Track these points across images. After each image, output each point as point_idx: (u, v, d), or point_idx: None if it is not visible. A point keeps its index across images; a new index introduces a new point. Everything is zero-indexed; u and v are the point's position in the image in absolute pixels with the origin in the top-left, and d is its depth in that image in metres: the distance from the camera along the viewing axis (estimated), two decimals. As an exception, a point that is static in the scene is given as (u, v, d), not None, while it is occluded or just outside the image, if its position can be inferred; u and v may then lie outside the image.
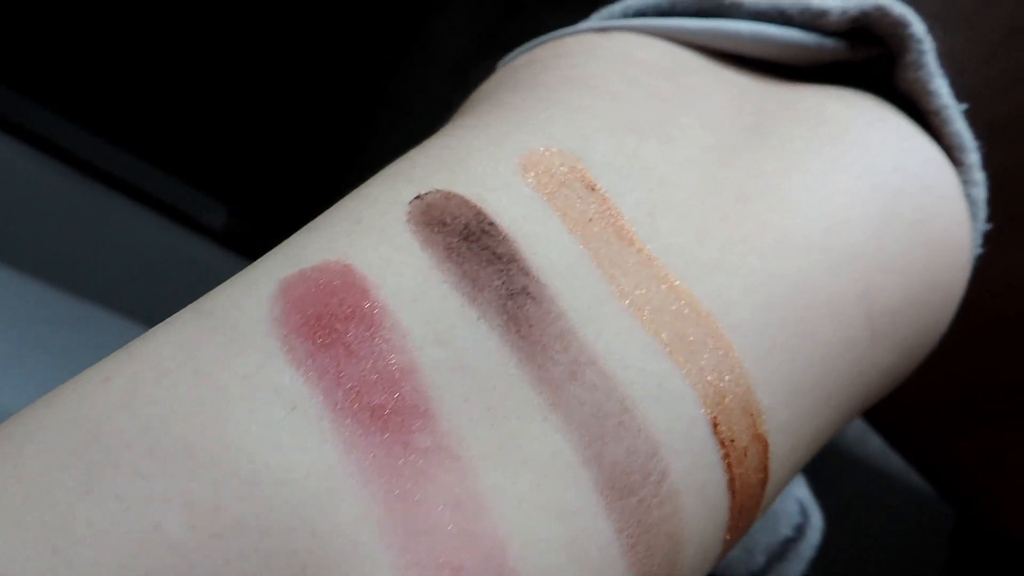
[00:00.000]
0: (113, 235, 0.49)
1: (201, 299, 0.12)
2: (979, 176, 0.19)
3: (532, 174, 0.14)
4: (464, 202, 0.13)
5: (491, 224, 0.13)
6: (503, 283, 0.12)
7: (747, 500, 0.13)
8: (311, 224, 0.13)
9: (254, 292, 0.11)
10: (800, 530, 0.24)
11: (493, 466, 0.11)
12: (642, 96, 0.16)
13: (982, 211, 0.20)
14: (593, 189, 0.14)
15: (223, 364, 0.10)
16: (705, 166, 0.15)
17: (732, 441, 0.13)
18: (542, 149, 0.14)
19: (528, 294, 0.12)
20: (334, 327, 0.11)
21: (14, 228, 0.47)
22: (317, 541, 0.09)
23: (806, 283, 0.14)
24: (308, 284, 0.11)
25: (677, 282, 0.13)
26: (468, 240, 0.12)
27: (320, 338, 0.11)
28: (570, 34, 0.19)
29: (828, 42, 0.20)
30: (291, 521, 0.09)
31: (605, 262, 0.13)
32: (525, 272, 0.12)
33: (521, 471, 0.11)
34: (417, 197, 0.13)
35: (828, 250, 0.15)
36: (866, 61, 0.21)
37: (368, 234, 0.12)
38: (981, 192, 0.20)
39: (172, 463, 0.09)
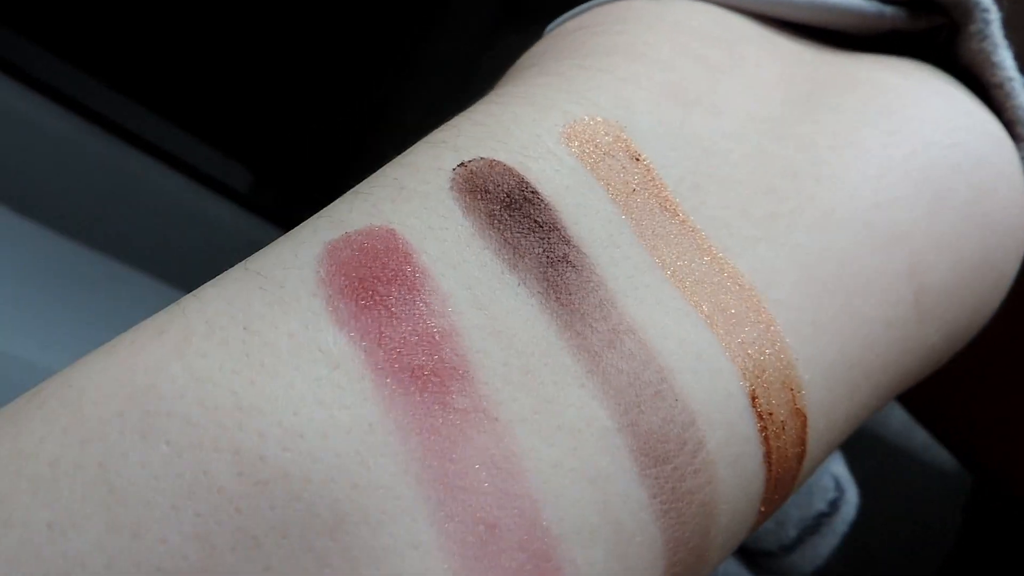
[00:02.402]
0: (141, 196, 0.50)
1: (250, 258, 0.12)
2: None
3: (576, 143, 0.14)
4: (507, 170, 0.13)
5: (533, 192, 0.13)
6: (543, 251, 0.12)
7: (783, 474, 0.13)
8: (355, 189, 0.13)
9: (301, 253, 0.12)
10: (835, 505, 0.24)
11: (529, 429, 0.11)
12: (691, 65, 0.16)
13: None
14: (637, 159, 0.14)
15: (270, 322, 0.11)
16: (753, 138, 0.15)
17: (770, 415, 0.13)
18: (586, 118, 0.14)
19: (568, 262, 0.12)
20: (376, 289, 0.11)
21: (44, 188, 0.48)
22: (358, 493, 0.10)
23: (851, 260, 0.14)
24: (352, 247, 0.12)
25: (720, 254, 0.13)
26: (510, 208, 0.13)
27: (363, 300, 0.11)
28: None
29: (888, 10, 0.20)
30: (333, 473, 0.10)
31: (647, 232, 0.13)
32: (566, 241, 0.12)
33: (556, 435, 0.11)
34: (460, 164, 0.13)
35: (876, 227, 0.15)
36: (928, 31, 0.21)
37: (411, 200, 0.12)
38: None
39: (221, 413, 0.10)
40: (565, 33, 0.18)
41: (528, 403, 0.11)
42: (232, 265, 0.12)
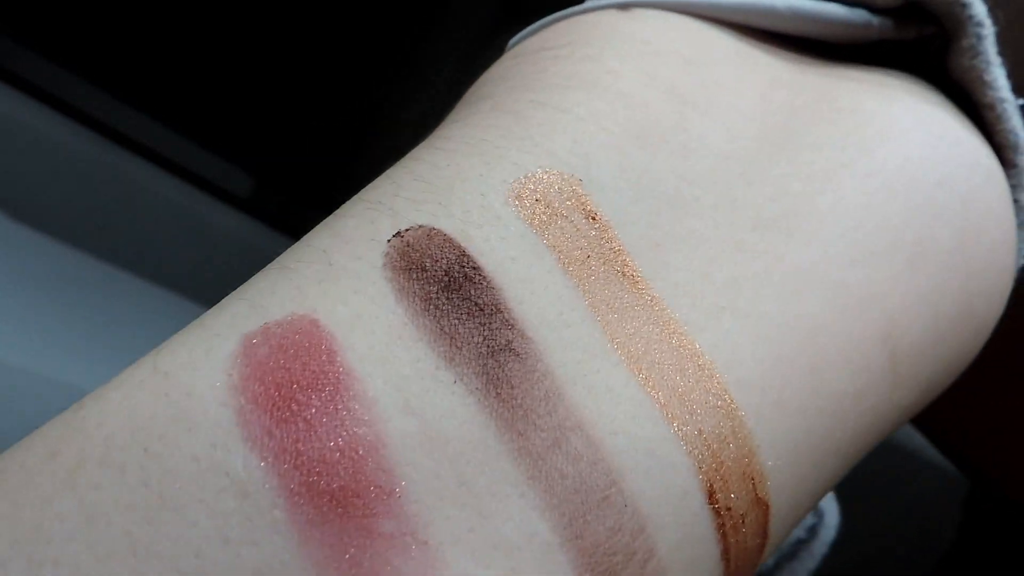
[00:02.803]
0: (141, 202, 0.50)
1: (160, 349, 0.11)
2: None
3: (526, 203, 0.13)
4: (447, 241, 0.12)
5: (475, 268, 0.12)
6: (484, 339, 0.11)
7: (743, 565, 0.12)
8: (282, 260, 0.12)
9: (214, 350, 0.11)
10: (813, 531, 0.23)
11: (463, 552, 0.10)
12: (660, 98, 0.15)
13: None
14: (594, 218, 0.13)
15: (174, 442, 0.10)
16: (722, 182, 0.14)
17: (729, 509, 0.12)
18: (539, 171, 0.13)
19: (512, 350, 0.11)
20: (295, 397, 0.10)
21: (42, 195, 0.48)
22: None
23: (821, 328, 0.13)
24: (271, 344, 0.11)
25: (681, 328, 0.12)
26: (448, 289, 0.12)
27: (279, 411, 0.10)
28: (589, 10, 0.18)
29: (875, 20, 0.18)
30: None
31: (602, 306, 0.12)
32: (509, 325, 0.12)
33: (493, 556, 0.10)
34: (397, 234, 0.12)
35: (850, 287, 0.14)
36: (919, 40, 0.20)
37: (339, 281, 0.11)
38: None
39: (114, 560, 0.09)
40: (527, 53, 0.17)
41: (462, 520, 0.10)
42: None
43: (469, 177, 0.13)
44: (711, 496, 0.12)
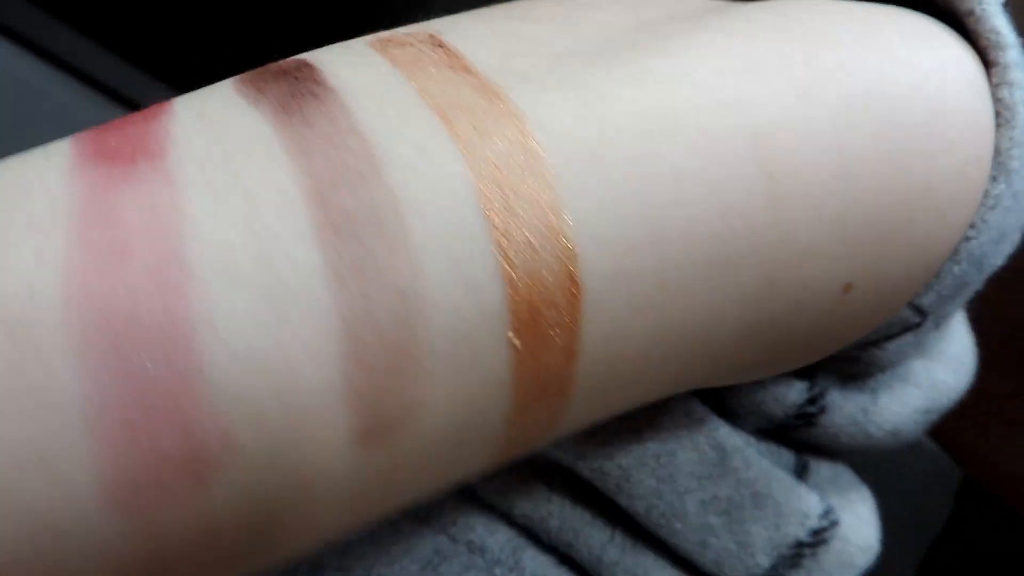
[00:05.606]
0: None
1: None
2: (1017, 76, 0.16)
3: (380, 45, 0.14)
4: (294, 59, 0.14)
5: (307, 65, 0.13)
6: (288, 88, 0.13)
7: (542, 304, 0.12)
8: None
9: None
10: (818, 535, 0.19)
11: (204, 191, 0.11)
12: (564, 16, 0.16)
13: (1021, 115, 0.16)
14: (440, 45, 0.14)
15: None
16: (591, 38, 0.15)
17: (507, 229, 0.12)
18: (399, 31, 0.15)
19: (313, 95, 0.12)
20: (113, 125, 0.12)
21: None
22: None
23: (668, 110, 0.13)
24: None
25: (502, 93, 0.13)
26: (277, 73, 0.13)
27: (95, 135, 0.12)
28: None
29: None
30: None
31: (419, 75, 0.13)
32: (318, 82, 0.13)
33: (232, 197, 0.11)
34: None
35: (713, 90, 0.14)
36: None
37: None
38: (1018, 93, 0.16)
39: None
40: None
41: (212, 175, 0.11)
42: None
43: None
44: (488, 208, 0.12)
